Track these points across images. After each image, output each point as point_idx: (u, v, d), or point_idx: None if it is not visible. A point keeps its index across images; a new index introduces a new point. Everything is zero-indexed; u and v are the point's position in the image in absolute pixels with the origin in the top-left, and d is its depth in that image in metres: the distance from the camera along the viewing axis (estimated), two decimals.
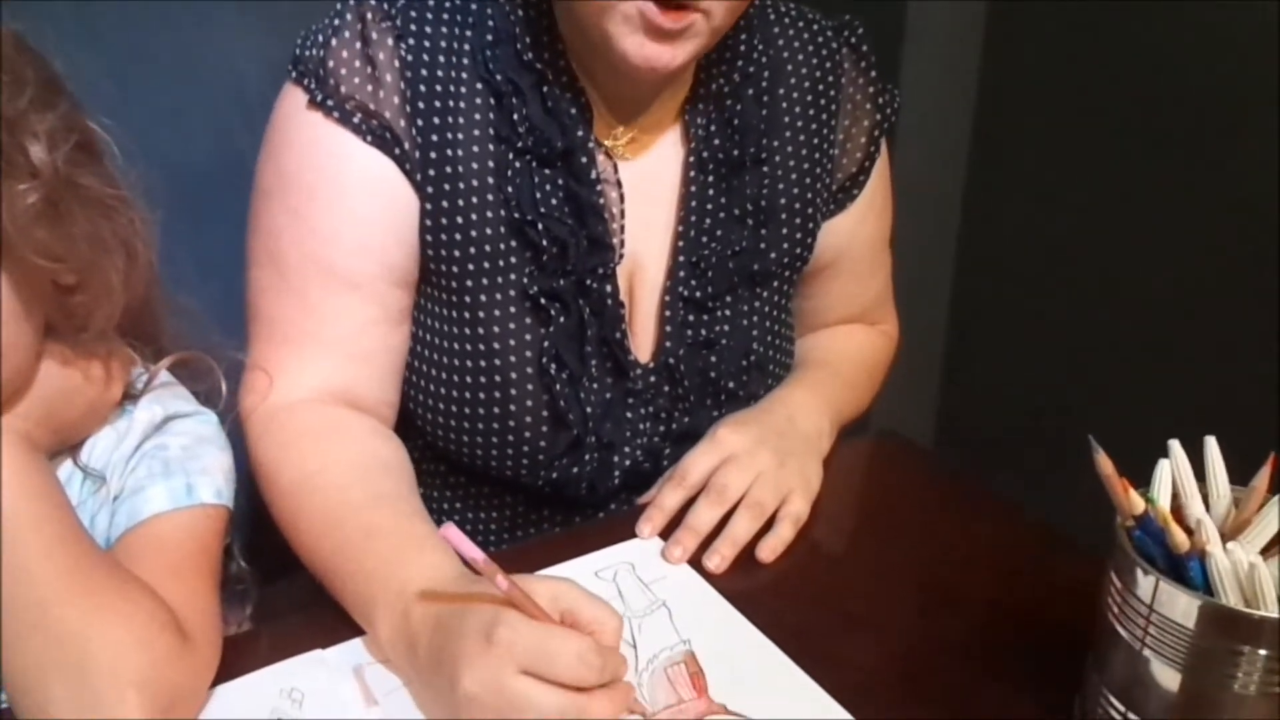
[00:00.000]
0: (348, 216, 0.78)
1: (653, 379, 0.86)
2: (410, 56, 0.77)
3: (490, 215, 0.80)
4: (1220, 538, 0.56)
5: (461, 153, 0.78)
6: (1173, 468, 0.59)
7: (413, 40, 0.77)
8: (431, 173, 0.78)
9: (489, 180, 0.79)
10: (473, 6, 0.79)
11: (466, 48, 0.78)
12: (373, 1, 0.77)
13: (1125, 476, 0.58)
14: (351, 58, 0.77)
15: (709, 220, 0.85)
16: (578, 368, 0.83)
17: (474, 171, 0.79)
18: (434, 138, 0.78)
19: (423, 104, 0.77)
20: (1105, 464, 0.58)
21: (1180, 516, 0.58)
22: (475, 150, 0.79)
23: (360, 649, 0.68)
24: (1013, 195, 1.66)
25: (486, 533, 0.92)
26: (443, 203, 0.79)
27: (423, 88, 0.77)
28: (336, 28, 0.77)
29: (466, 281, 0.81)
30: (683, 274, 0.85)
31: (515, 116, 0.78)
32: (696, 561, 0.77)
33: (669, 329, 0.86)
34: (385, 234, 0.79)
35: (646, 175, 0.84)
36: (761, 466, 0.80)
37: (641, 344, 0.86)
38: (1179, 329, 1.44)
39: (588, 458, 0.85)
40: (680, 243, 0.85)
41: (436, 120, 0.78)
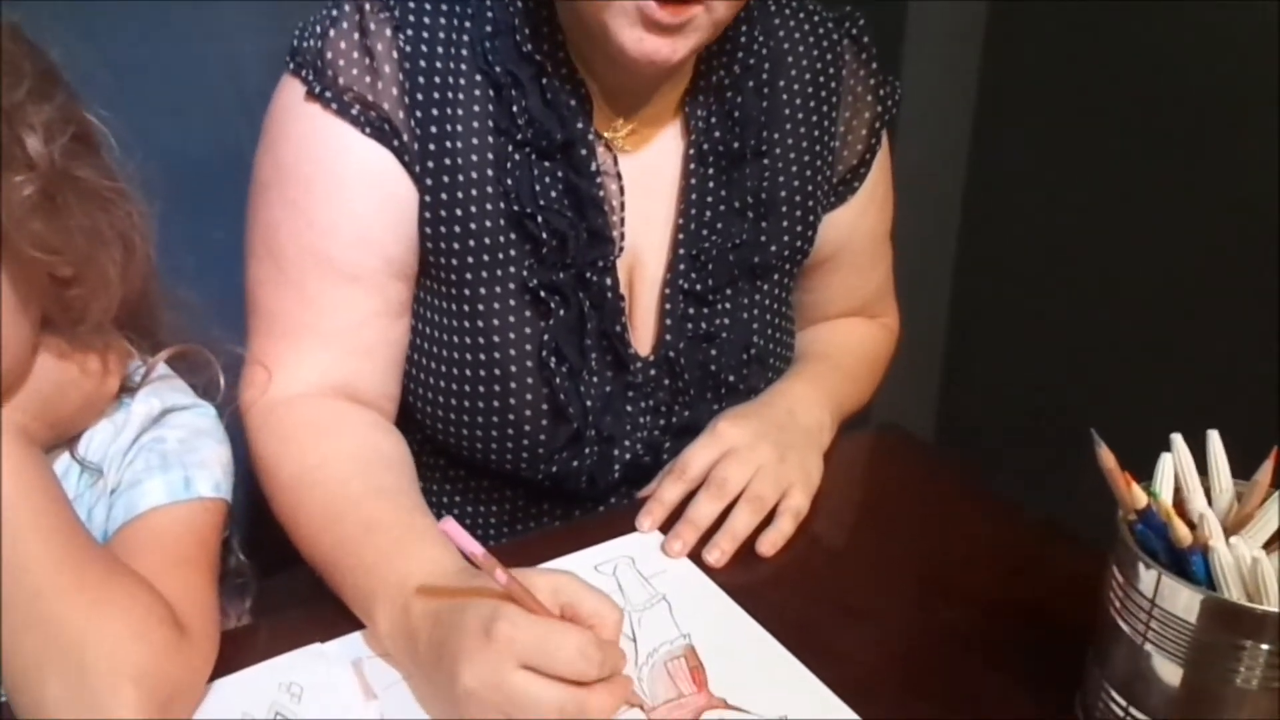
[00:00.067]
0: (346, 209, 0.77)
1: (653, 372, 0.86)
2: (409, 48, 0.77)
3: (490, 208, 0.79)
4: (1223, 532, 0.55)
5: (461, 145, 0.78)
6: (1175, 461, 0.59)
7: (411, 31, 0.77)
8: (430, 165, 0.78)
9: (488, 172, 0.79)
10: None
11: (465, 39, 0.78)
12: None
13: (1127, 471, 0.58)
14: (350, 49, 0.76)
15: (709, 213, 0.85)
16: (578, 361, 0.82)
17: (473, 164, 0.78)
18: (433, 129, 0.77)
19: (421, 95, 0.77)
20: (1107, 458, 0.58)
21: (1182, 511, 0.58)
22: (474, 142, 0.78)
23: (359, 643, 0.68)
24: (1013, 193, 1.66)
25: (486, 526, 0.92)
26: (442, 195, 0.78)
27: (421, 79, 0.77)
28: (334, 18, 0.77)
29: (466, 274, 0.81)
30: (683, 267, 0.85)
31: (515, 108, 0.78)
32: (696, 555, 0.76)
33: (669, 322, 0.85)
34: (384, 226, 0.79)
35: (646, 168, 0.84)
36: (762, 460, 0.80)
37: (641, 337, 0.86)
38: (1180, 324, 1.44)
39: (588, 451, 0.85)
40: (680, 235, 0.84)
41: (435, 112, 0.77)
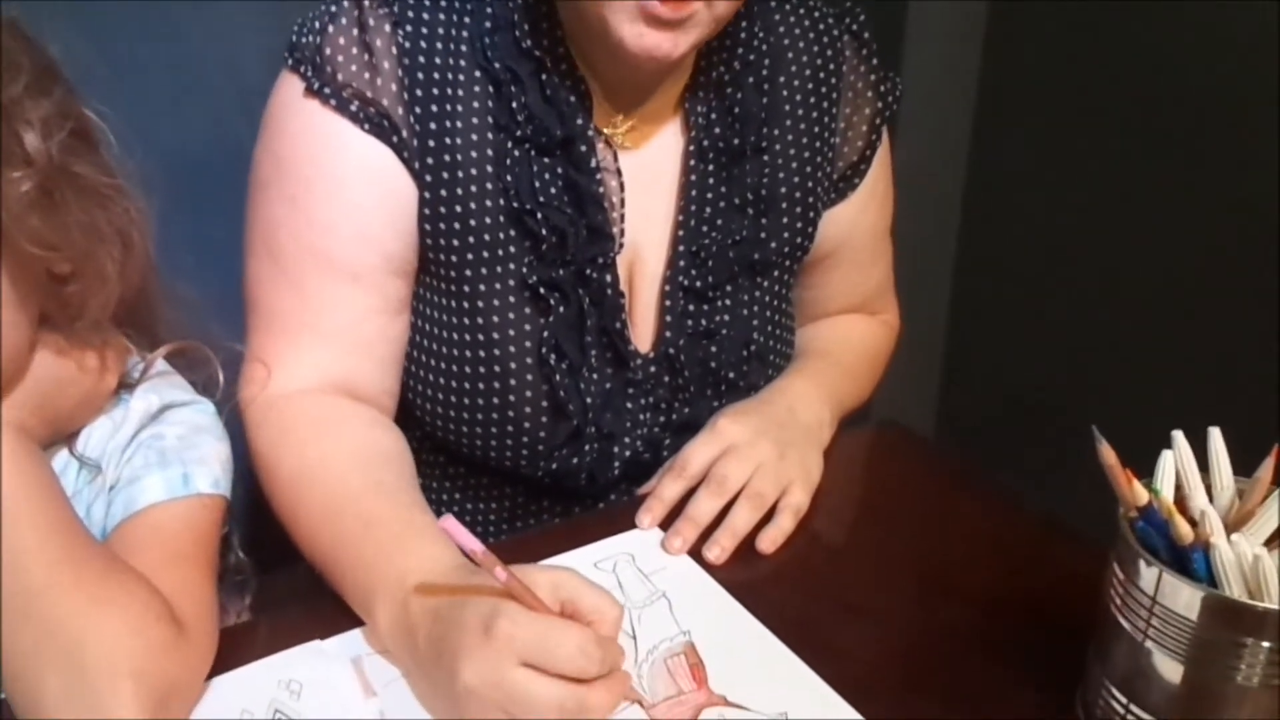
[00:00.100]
0: (345, 206, 0.77)
1: (653, 369, 0.86)
2: (408, 43, 0.76)
3: (489, 204, 0.79)
4: (1224, 529, 0.55)
5: (460, 141, 0.78)
6: (1176, 459, 0.59)
7: (410, 27, 0.77)
8: (430, 161, 0.78)
9: (488, 169, 0.79)
10: None
11: (465, 35, 0.78)
12: None
13: (1127, 468, 0.58)
14: (348, 45, 0.76)
15: (709, 209, 0.84)
16: (577, 358, 0.82)
17: (473, 160, 0.78)
18: (432, 126, 0.77)
19: (421, 92, 0.77)
20: (1109, 454, 0.57)
21: (1183, 508, 0.58)
22: (474, 139, 0.78)
23: (359, 640, 0.68)
24: (1013, 191, 1.66)
25: (486, 523, 0.92)
26: (441, 191, 0.78)
27: (421, 75, 0.77)
28: (333, 14, 0.76)
29: (465, 271, 0.81)
30: (683, 263, 0.84)
31: (514, 105, 0.78)
32: (696, 552, 0.76)
33: (669, 319, 0.85)
34: (383, 223, 0.78)
35: (646, 164, 0.84)
36: (762, 457, 0.80)
37: (641, 334, 0.86)
38: (1181, 320, 1.44)
39: (587, 448, 0.84)
40: (680, 232, 0.84)
41: (435, 108, 0.77)
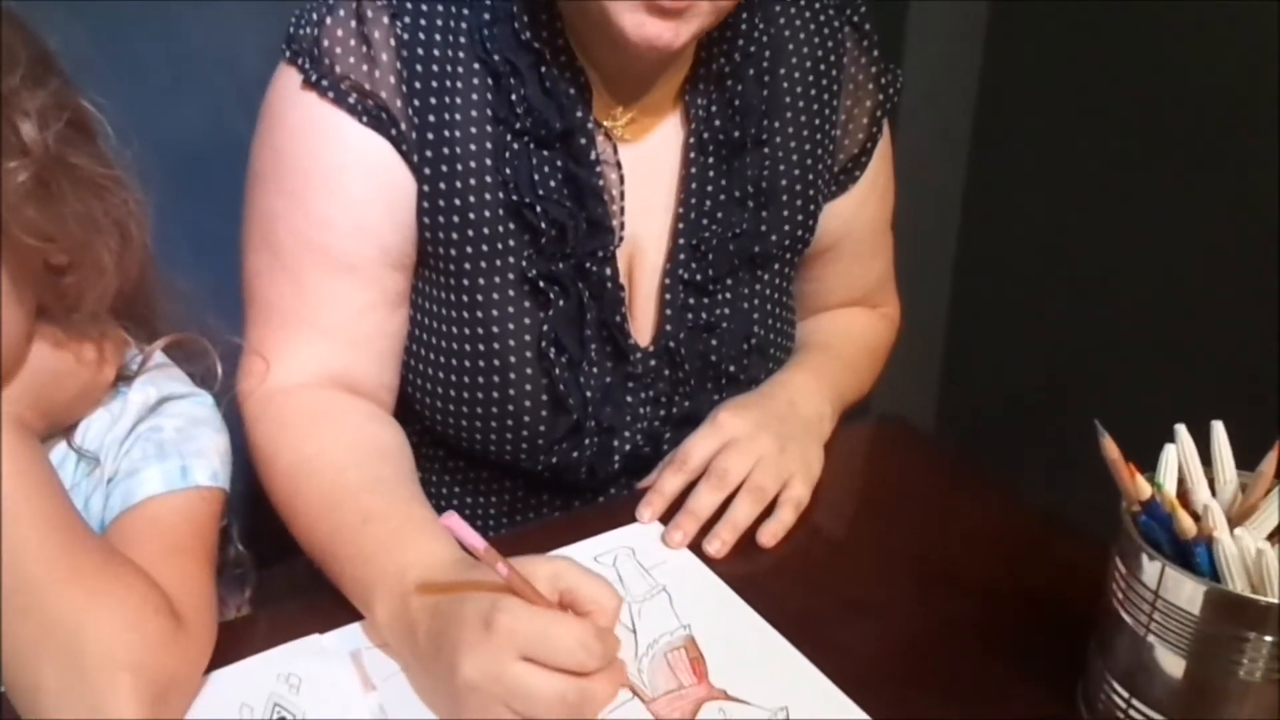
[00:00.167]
0: (344, 199, 0.77)
1: (653, 363, 0.85)
2: (406, 35, 0.76)
3: (488, 197, 0.79)
4: (1227, 523, 0.55)
5: (459, 134, 0.78)
6: (1179, 452, 0.59)
7: (409, 19, 0.76)
8: (429, 154, 0.77)
9: (487, 162, 0.78)
10: None
11: (464, 26, 0.77)
12: None
13: (1129, 462, 0.58)
14: (346, 36, 0.76)
15: (709, 202, 0.84)
16: (577, 351, 0.82)
17: (471, 153, 0.78)
18: (431, 118, 0.77)
19: (419, 84, 0.76)
20: (1111, 448, 0.57)
21: (1186, 502, 0.57)
22: (473, 131, 0.78)
23: (358, 634, 0.68)
24: (1013, 191, 1.66)
25: (485, 517, 0.92)
26: (440, 184, 0.78)
27: (419, 67, 0.76)
28: (331, 6, 0.76)
29: (464, 264, 0.80)
30: (683, 256, 0.84)
31: (513, 97, 0.77)
32: (697, 546, 0.76)
33: (669, 312, 0.85)
34: (382, 216, 0.78)
35: (646, 157, 0.83)
36: (762, 451, 0.80)
37: (641, 327, 0.86)
38: (1183, 314, 1.43)
39: (587, 442, 0.84)
40: (680, 225, 0.84)
41: (433, 101, 0.77)
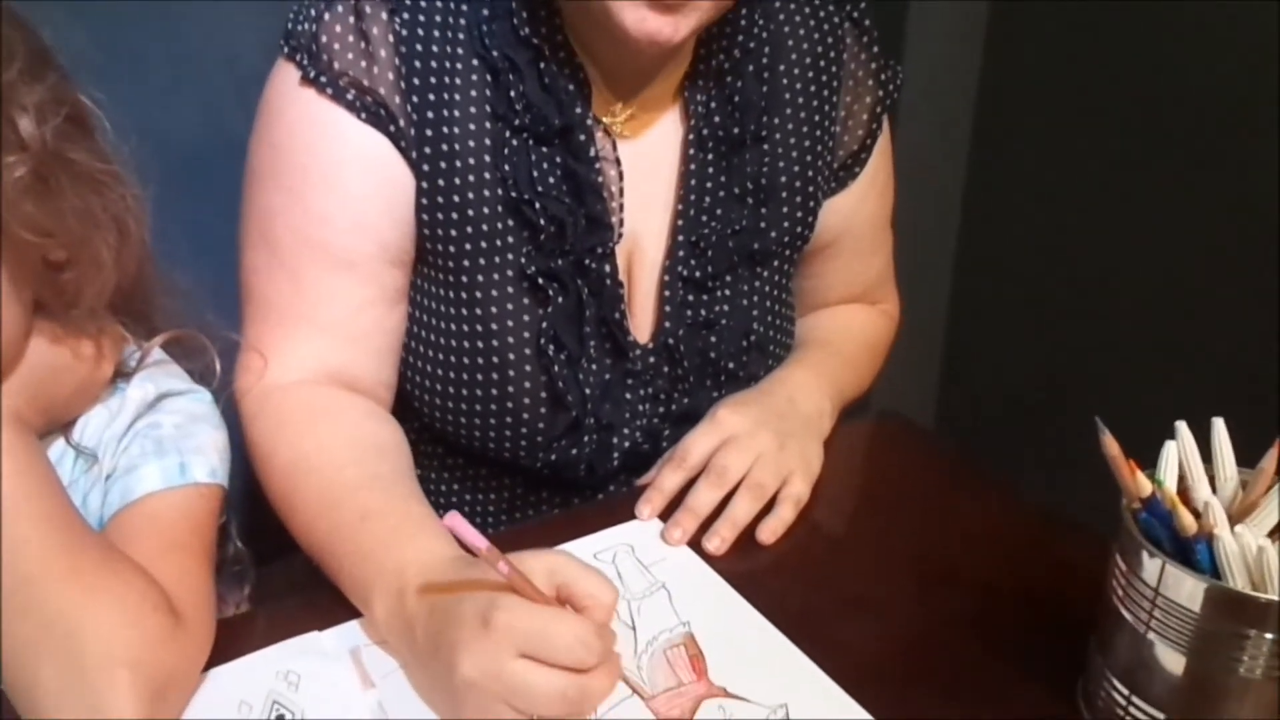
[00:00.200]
0: (342, 196, 0.77)
1: (652, 359, 0.85)
2: (405, 31, 0.76)
3: (487, 194, 0.79)
4: (1227, 520, 0.55)
5: (458, 130, 0.77)
6: (1179, 449, 0.59)
7: (407, 15, 0.76)
8: (427, 151, 0.77)
9: (485, 158, 0.78)
10: None
11: (462, 22, 0.77)
12: None
13: (1130, 459, 0.58)
14: (345, 32, 0.75)
15: (709, 199, 0.84)
16: (576, 349, 0.82)
17: (470, 150, 0.78)
18: (429, 115, 0.77)
19: (418, 80, 0.76)
20: (1111, 445, 0.57)
21: (1186, 499, 0.57)
22: (471, 128, 0.78)
23: (357, 631, 0.67)
24: (1013, 191, 1.66)
25: (485, 514, 0.92)
26: (439, 181, 0.78)
27: (418, 64, 0.76)
28: (329, 2, 0.76)
29: (463, 261, 0.80)
30: (682, 253, 0.84)
31: (512, 94, 0.77)
32: (696, 543, 0.76)
33: (668, 309, 0.85)
34: (380, 213, 0.78)
35: (646, 153, 0.83)
36: (762, 448, 0.80)
37: (640, 324, 0.85)
38: (1183, 313, 1.43)
39: (586, 439, 0.84)
40: (680, 222, 0.84)
41: (432, 97, 0.77)
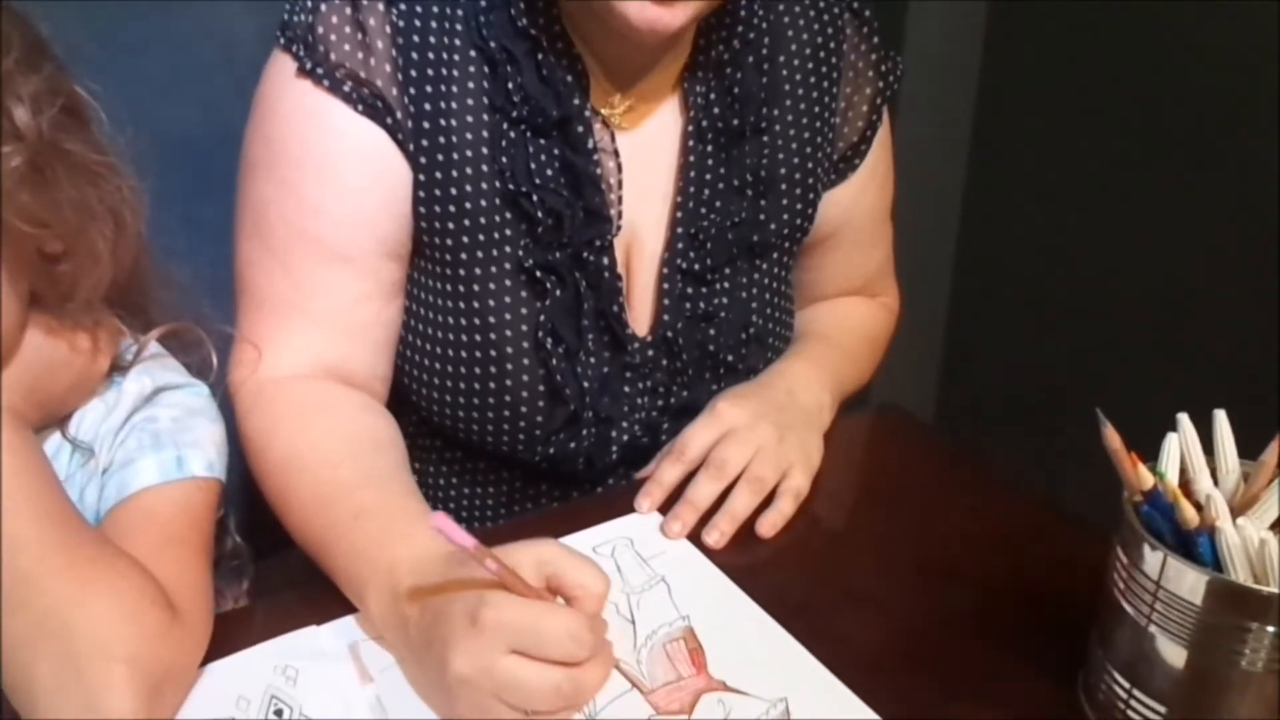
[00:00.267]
0: (338, 188, 0.76)
1: (651, 353, 0.85)
2: (402, 23, 0.75)
3: (484, 186, 0.78)
4: (1229, 513, 0.55)
5: (455, 122, 0.77)
6: (1181, 442, 0.58)
7: (404, 6, 0.76)
8: (424, 143, 0.77)
9: (483, 151, 0.78)
10: None
11: (459, 13, 0.77)
12: None
13: (1131, 452, 0.57)
14: (341, 23, 0.75)
15: (708, 191, 0.84)
16: (574, 342, 0.81)
17: (468, 142, 0.77)
18: (427, 107, 0.76)
19: (415, 72, 0.76)
20: (1113, 438, 0.57)
21: (1188, 491, 0.57)
22: (469, 120, 0.77)
23: (355, 626, 0.67)
24: (1013, 190, 1.66)
25: (483, 508, 0.92)
26: (436, 174, 0.77)
27: (415, 55, 0.76)
28: None
29: (461, 254, 0.80)
30: (681, 246, 0.84)
31: (510, 85, 0.77)
32: (696, 537, 0.76)
33: (667, 302, 0.84)
34: (377, 206, 0.77)
35: (644, 145, 0.83)
36: (761, 441, 0.79)
37: (639, 317, 0.85)
38: (1183, 305, 1.43)
39: (585, 433, 0.84)
40: (679, 214, 0.83)
41: (429, 89, 0.76)
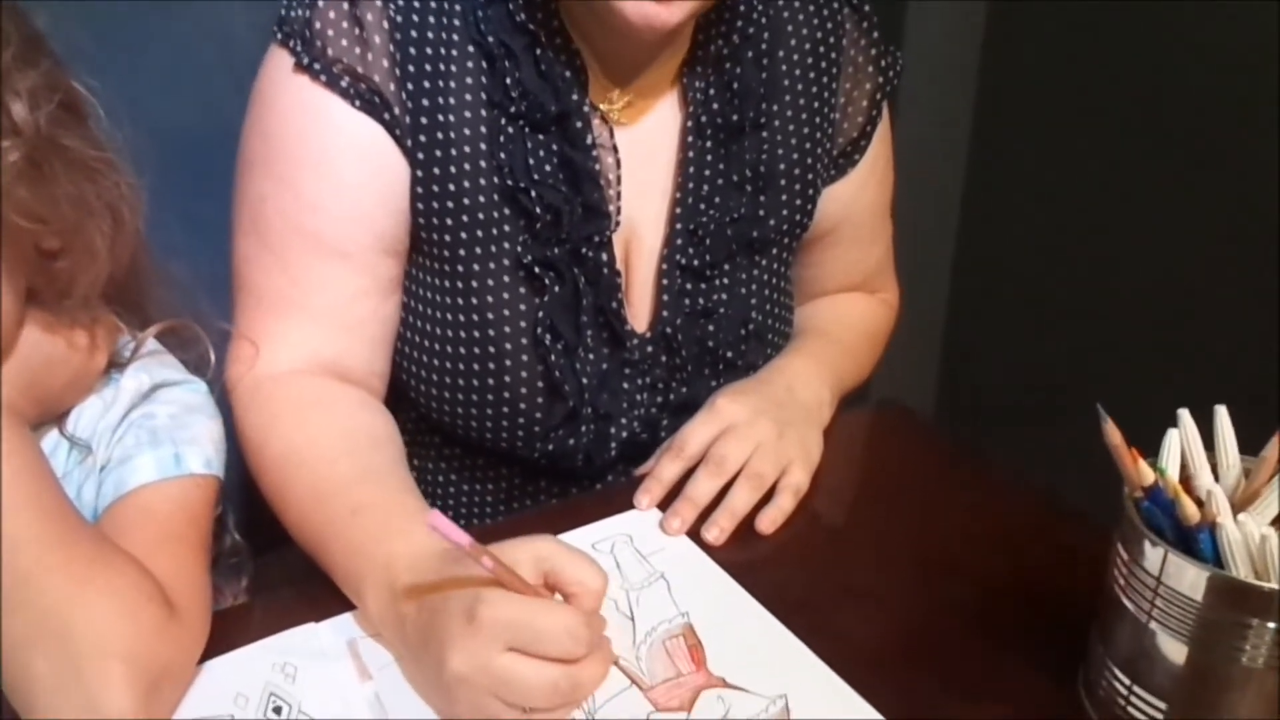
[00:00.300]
0: (335, 184, 0.76)
1: (650, 349, 0.85)
2: (400, 18, 0.75)
3: (483, 182, 0.78)
4: (1230, 509, 0.55)
5: (453, 118, 0.77)
6: (1182, 437, 0.58)
7: (402, 1, 0.75)
8: (422, 138, 0.76)
9: (481, 146, 0.77)
10: None
11: (457, 8, 0.76)
12: None
13: (1132, 448, 0.57)
14: (339, 18, 0.75)
15: (707, 187, 0.83)
16: (573, 338, 0.81)
17: (466, 137, 0.77)
18: (424, 102, 0.76)
19: (413, 67, 0.76)
20: (1113, 434, 0.57)
21: (1188, 487, 0.57)
22: (467, 115, 0.77)
23: (354, 623, 0.67)
24: (1012, 191, 1.66)
25: (483, 505, 0.91)
26: (434, 169, 0.77)
27: (413, 50, 0.75)
28: None
29: (459, 250, 0.80)
30: (680, 242, 0.83)
31: (508, 80, 0.76)
32: (695, 533, 0.76)
33: (666, 298, 0.84)
34: (374, 202, 0.77)
35: (643, 140, 0.82)
36: (761, 437, 0.79)
37: (638, 313, 0.85)
38: (1183, 302, 1.43)
39: (584, 429, 0.84)
40: (678, 210, 0.83)
41: (427, 84, 0.76)
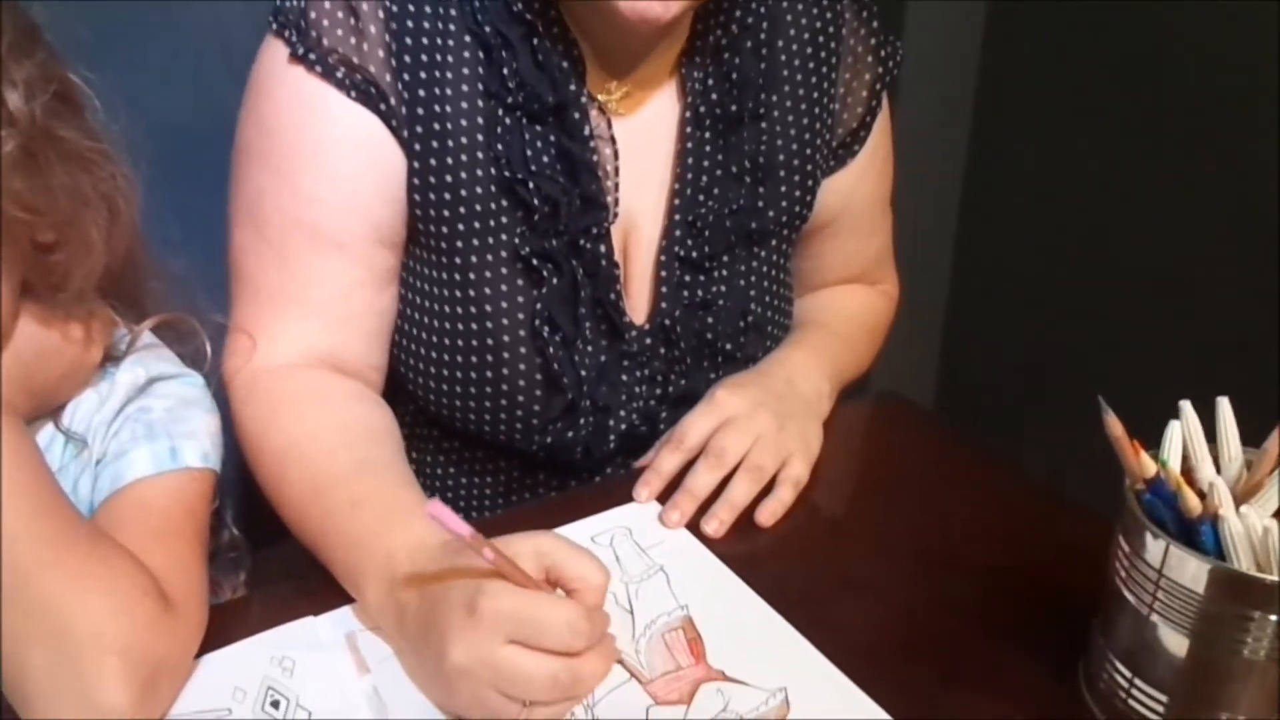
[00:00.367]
0: (332, 175, 0.76)
1: (648, 341, 0.85)
2: (396, 8, 0.75)
3: (480, 173, 0.78)
4: (1233, 501, 0.54)
5: (450, 109, 0.76)
6: (1184, 429, 0.58)
7: None
8: (419, 129, 0.76)
9: (478, 137, 0.77)
10: None
11: None
12: None
13: (1133, 440, 0.57)
14: (334, 8, 0.74)
15: (706, 178, 0.83)
16: (571, 330, 0.81)
17: (463, 128, 0.77)
18: (421, 93, 0.76)
19: (409, 58, 0.75)
20: (1115, 425, 0.56)
21: (1190, 479, 0.57)
22: (464, 106, 0.77)
23: (352, 616, 0.67)
24: (1012, 183, 1.65)
25: (481, 498, 0.91)
26: (430, 161, 0.77)
27: (409, 40, 0.75)
28: None
29: (456, 242, 0.79)
30: (679, 233, 0.83)
31: (505, 71, 0.76)
32: (695, 526, 0.76)
33: (665, 290, 0.84)
34: (371, 193, 0.77)
35: (641, 131, 0.82)
36: (760, 429, 0.79)
37: (637, 305, 0.85)
38: (1185, 291, 1.43)
39: (582, 421, 0.83)
40: (676, 201, 0.83)
41: (423, 75, 0.75)
